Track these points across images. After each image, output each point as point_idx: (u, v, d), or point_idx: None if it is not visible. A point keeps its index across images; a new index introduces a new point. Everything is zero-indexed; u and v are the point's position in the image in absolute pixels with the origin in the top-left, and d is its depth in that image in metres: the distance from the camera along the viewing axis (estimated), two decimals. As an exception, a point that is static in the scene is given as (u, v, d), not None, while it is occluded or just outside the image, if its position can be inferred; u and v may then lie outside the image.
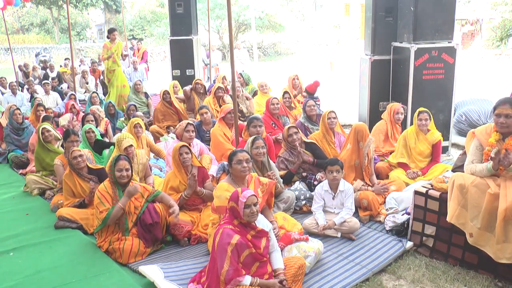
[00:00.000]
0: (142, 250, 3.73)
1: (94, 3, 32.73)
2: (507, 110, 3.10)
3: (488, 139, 3.22)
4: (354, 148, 4.52)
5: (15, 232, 4.32)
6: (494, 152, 3.16)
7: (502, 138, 3.17)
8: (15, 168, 6.55)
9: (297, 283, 3.06)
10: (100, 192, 3.82)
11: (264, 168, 4.43)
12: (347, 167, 4.46)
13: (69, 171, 4.54)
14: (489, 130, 3.25)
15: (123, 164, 3.83)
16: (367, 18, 6.70)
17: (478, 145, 3.31)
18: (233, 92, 5.04)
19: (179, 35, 9.84)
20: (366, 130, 4.54)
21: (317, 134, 5.34)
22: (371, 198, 4.22)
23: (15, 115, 6.84)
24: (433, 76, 5.95)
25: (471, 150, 3.35)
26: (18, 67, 13.65)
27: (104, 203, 3.77)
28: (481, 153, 3.28)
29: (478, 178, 3.19)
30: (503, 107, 3.13)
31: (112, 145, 5.39)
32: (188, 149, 4.21)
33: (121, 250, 3.67)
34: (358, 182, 4.46)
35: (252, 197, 2.91)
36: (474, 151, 3.33)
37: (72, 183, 4.52)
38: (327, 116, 5.19)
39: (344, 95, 10.93)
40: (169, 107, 7.51)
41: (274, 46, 28.29)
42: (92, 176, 4.55)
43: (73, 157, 4.47)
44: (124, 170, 3.82)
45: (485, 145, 3.23)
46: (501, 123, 3.12)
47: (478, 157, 3.31)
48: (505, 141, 3.15)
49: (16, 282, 3.38)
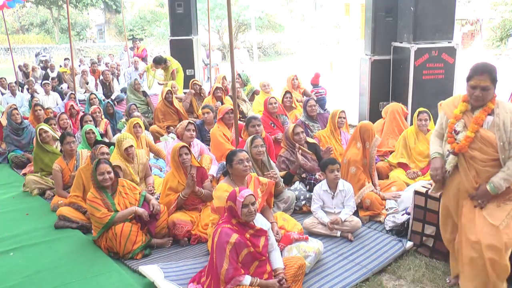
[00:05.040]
0: (135, 231, 3.73)
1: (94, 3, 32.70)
2: (485, 82, 2.68)
3: (454, 111, 2.88)
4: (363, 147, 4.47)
5: (15, 232, 4.32)
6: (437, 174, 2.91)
7: (470, 110, 2.82)
8: (15, 168, 6.55)
9: (297, 283, 3.05)
10: (89, 200, 3.83)
11: (264, 168, 4.43)
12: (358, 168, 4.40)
13: (88, 166, 4.46)
14: (457, 102, 2.89)
15: (104, 167, 3.83)
16: (367, 18, 6.70)
17: (443, 117, 3.00)
18: (233, 92, 5.04)
19: (179, 35, 9.85)
20: (372, 130, 4.50)
21: (324, 131, 5.45)
22: (374, 198, 4.22)
23: (13, 115, 6.82)
24: (433, 76, 5.96)
25: (438, 122, 3.08)
26: (18, 67, 13.64)
27: (99, 208, 3.76)
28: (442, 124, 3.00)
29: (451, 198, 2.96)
30: (480, 77, 2.68)
31: (112, 145, 5.39)
32: (188, 150, 4.21)
33: (114, 234, 3.67)
34: (369, 185, 4.41)
35: (249, 196, 2.91)
36: (439, 124, 3.05)
37: (87, 176, 4.38)
38: (338, 115, 5.32)
39: (344, 95, 10.93)
40: (169, 107, 7.51)
41: (274, 46, 28.27)
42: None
43: (100, 153, 4.47)
44: (106, 173, 3.82)
45: (450, 117, 2.89)
46: (476, 96, 2.72)
47: (439, 128, 3.05)
48: (474, 114, 2.79)
49: (16, 282, 3.38)
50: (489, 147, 2.71)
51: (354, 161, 4.34)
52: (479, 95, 2.70)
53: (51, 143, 5.71)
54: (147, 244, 3.82)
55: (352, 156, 4.40)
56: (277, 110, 6.11)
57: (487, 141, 2.71)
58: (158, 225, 3.92)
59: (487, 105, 2.74)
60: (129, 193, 3.99)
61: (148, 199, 4.01)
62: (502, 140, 2.67)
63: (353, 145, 4.50)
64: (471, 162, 2.78)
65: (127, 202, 3.91)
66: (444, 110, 2.97)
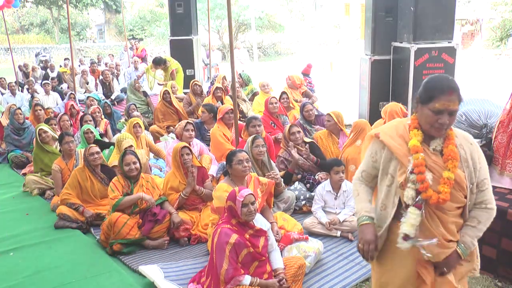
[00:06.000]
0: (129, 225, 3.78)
1: (94, 3, 32.70)
2: (455, 104, 1.91)
3: (408, 142, 2.01)
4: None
5: (15, 232, 4.32)
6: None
7: (424, 141, 2.01)
8: (15, 168, 6.55)
9: (297, 283, 3.06)
10: (113, 182, 4.05)
11: (264, 168, 4.43)
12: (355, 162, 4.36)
13: (83, 166, 4.56)
14: (402, 130, 2.07)
15: (130, 158, 4.02)
16: (367, 18, 6.70)
17: (379, 151, 2.13)
18: (233, 92, 5.04)
19: (179, 35, 9.84)
20: (368, 128, 4.49)
21: (321, 133, 5.40)
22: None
23: (16, 115, 6.82)
24: (433, 76, 5.96)
25: (367, 158, 2.20)
26: (18, 67, 13.64)
27: (114, 191, 3.96)
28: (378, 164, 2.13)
29: None
30: (449, 98, 1.90)
31: (112, 145, 5.40)
32: (189, 150, 4.21)
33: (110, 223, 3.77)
34: None
35: (249, 195, 2.91)
36: (369, 161, 2.18)
37: (83, 178, 4.51)
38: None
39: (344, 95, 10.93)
40: (169, 107, 7.51)
41: (274, 46, 28.28)
42: (104, 177, 4.58)
43: (90, 153, 4.51)
44: (132, 163, 4.00)
45: (401, 153, 2.02)
46: (440, 124, 1.92)
47: (370, 169, 2.19)
48: (432, 146, 2.01)
49: (16, 282, 3.38)
50: (458, 191, 1.99)
51: (353, 159, 4.34)
52: (446, 123, 1.92)
53: (50, 143, 5.71)
54: (138, 241, 3.83)
55: (350, 154, 4.43)
56: (278, 110, 6.12)
57: (457, 183, 1.97)
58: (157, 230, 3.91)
59: (449, 134, 2.01)
60: (150, 190, 4.10)
61: (166, 207, 4.05)
62: (472, 180, 2.01)
63: (352, 143, 4.51)
64: (437, 214, 2.01)
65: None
66: (385, 141, 2.07)
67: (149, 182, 4.16)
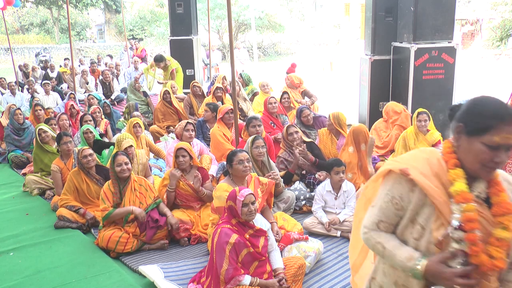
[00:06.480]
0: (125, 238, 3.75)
1: (94, 3, 32.70)
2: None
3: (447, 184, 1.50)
4: (356, 150, 4.49)
5: (15, 232, 4.32)
6: None
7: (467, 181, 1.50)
8: (15, 168, 6.55)
9: (297, 283, 3.06)
10: (104, 191, 3.96)
11: (264, 168, 4.43)
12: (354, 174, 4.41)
13: (78, 169, 4.55)
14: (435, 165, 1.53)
15: (122, 159, 3.96)
16: (367, 18, 6.71)
17: (405, 194, 1.55)
18: (233, 92, 5.04)
19: (179, 35, 9.84)
20: (365, 132, 4.52)
21: (325, 129, 5.39)
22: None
23: (16, 115, 6.82)
24: (433, 76, 5.96)
25: (383, 201, 1.60)
26: (18, 67, 13.65)
27: (105, 201, 3.88)
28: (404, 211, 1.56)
29: None
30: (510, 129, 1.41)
31: (112, 145, 5.39)
32: (186, 152, 4.18)
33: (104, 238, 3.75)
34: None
35: (249, 195, 2.91)
36: (387, 206, 1.59)
37: (79, 181, 4.50)
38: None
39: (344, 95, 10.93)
40: (169, 107, 7.52)
41: (274, 46, 28.28)
42: (100, 178, 4.57)
43: (83, 156, 4.48)
44: (124, 163, 3.94)
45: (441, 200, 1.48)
46: (496, 164, 1.45)
47: (391, 219, 1.60)
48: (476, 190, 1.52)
49: (16, 282, 3.38)
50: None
51: (348, 165, 4.35)
52: (504, 162, 1.45)
53: (50, 143, 5.71)
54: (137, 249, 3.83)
55: (346, 160, 4.46)
56: (277, 110, 6.11)
57: None
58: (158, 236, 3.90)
59: (496, 175, 1.55)
60: (143, 194, 4.01)
61: (162, 210, 3.99)
62: None
63: (346, 150, 4.55)
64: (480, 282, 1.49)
65: (138, 201, 3.93)
66: (419, 181, 1.50)
67: (142, 185, 4.06)
